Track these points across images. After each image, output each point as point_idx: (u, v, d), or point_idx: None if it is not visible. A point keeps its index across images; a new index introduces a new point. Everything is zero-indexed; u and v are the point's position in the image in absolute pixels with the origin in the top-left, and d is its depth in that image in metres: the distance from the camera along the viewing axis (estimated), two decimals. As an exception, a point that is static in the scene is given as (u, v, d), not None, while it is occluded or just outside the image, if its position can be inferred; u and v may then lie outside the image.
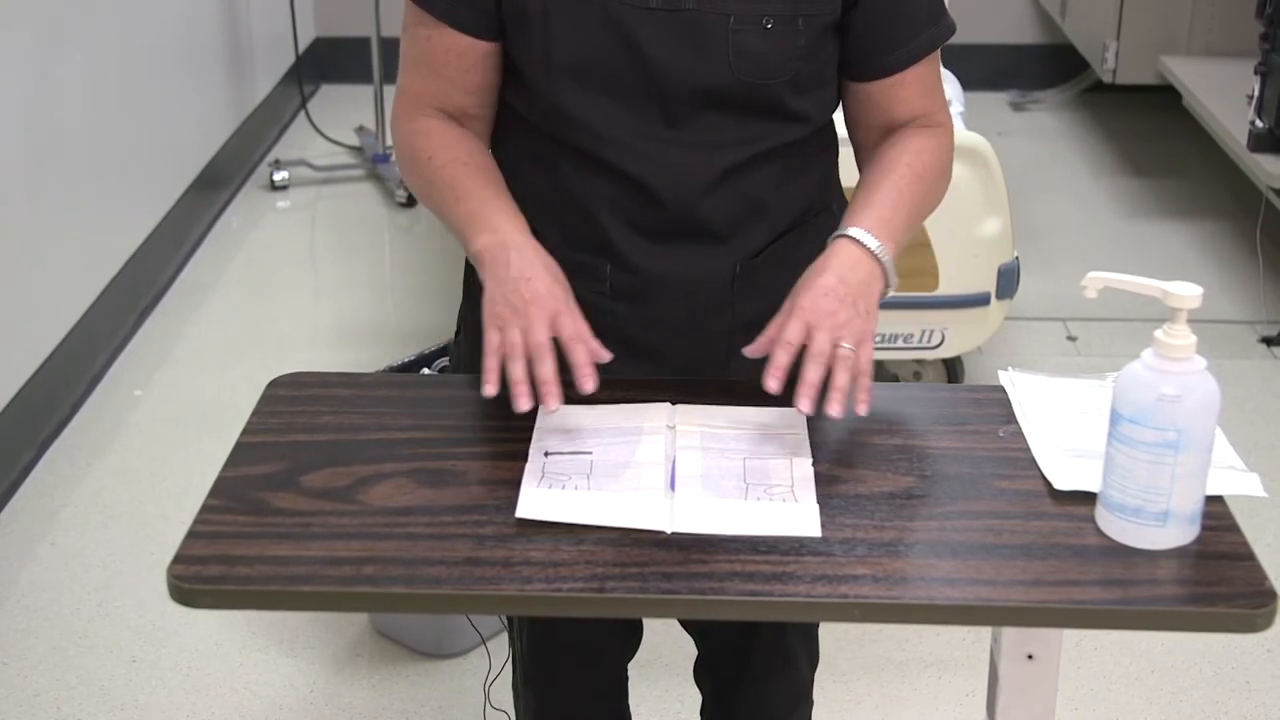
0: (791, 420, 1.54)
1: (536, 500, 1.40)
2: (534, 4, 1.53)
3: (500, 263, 1.52)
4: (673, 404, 1.56)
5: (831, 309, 1.49)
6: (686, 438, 1.51)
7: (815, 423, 1.53)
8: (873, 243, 1.53)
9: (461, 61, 1.59)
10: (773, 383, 1.48)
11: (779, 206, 1.64)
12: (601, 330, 1.63)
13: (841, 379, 1.47)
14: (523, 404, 1.47)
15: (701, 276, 1.63)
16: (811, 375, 1.47)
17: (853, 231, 1.54)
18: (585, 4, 1.52)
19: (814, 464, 1.48)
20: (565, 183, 1.61)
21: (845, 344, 1.48)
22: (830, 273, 1.51)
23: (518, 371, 1.47)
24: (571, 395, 1.57)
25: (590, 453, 1.48)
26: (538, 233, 1.63)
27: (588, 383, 1.49)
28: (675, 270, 1.62)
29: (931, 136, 1.64)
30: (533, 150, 1.63)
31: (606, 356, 1.52)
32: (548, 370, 1.48)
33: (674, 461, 1.47)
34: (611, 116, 1.56)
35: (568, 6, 1.52)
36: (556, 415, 1.55)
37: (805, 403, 1.46)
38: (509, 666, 2.00)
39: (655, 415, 1.54)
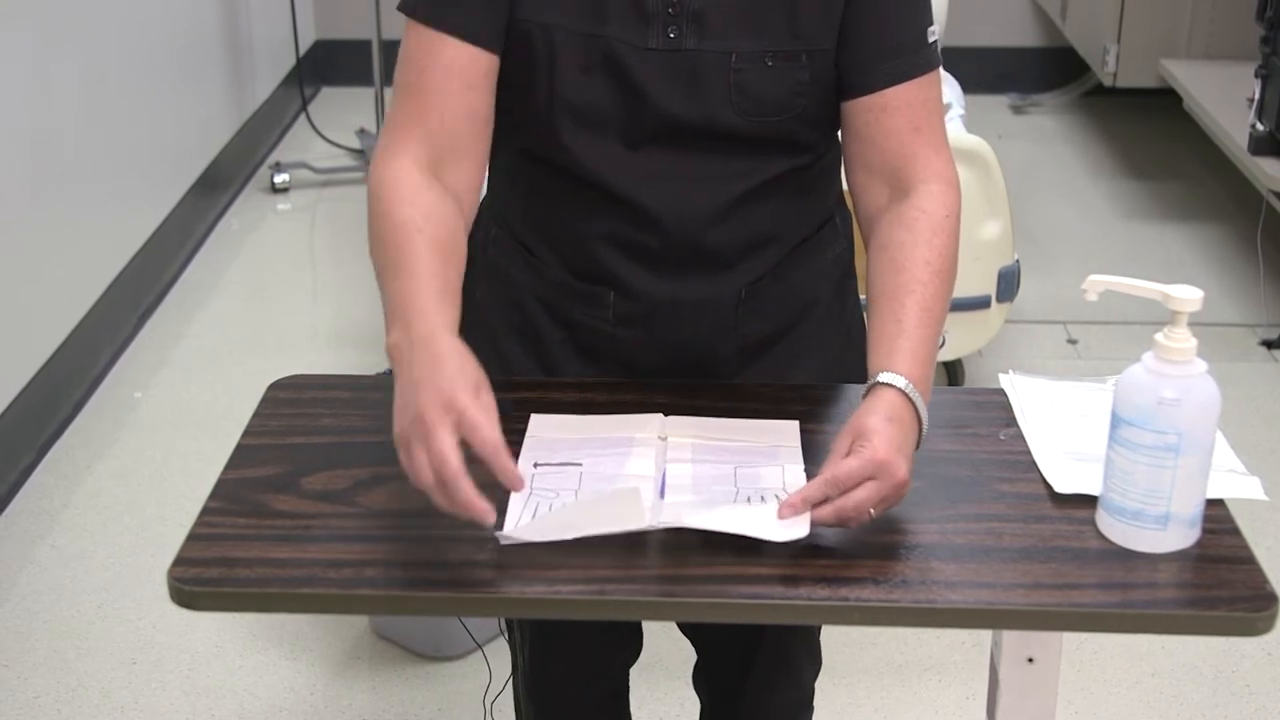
0: (786, 432, 1.53)
1: (520, 524, 1.37)
2: (539, 35, 1.51)
3: (403, 363, 1.35)
4: (665, 415, 1.54)
5: (901, 471, 1.35)
6: (678, 450, 1.49)
7: (810, 430, 1.53)
8: (917, 398, 1.42)
9: (463, 77, 1.52)
10: (787, 510, 1.35)
11: (786, 231, 1.61)
12: (604, 354, 1.63)
13: (826, 513, 1.35)
14: (487, 517, 1.30)
15: (706, 301, 1.60)
16: (812, 499, 1.35)
17: (896, 382, 1.42)
18: (588, 40, 1.50)
19: (810, 469, 1.45)
20: (565, 214, 1.58)
21: (875, 511, 1.36)
22: (896, 426, 1.38)
23: (442, 501, 1.31)
24: (563, 399, 1.56)
25: (580, 464, 1.47)
26: (538, 259, 1.62)
27: (517, 485, 1.33)
28: (679, 296, 1.59)
29: (938, 202, 1.53)
30: (532, 180, 1.60)
31: (520, 487, 1.34)
32: (461, 496, 1.29)
33: (664, 473, 1.45)
34: (612, 152, 1.53)
35: (571, 42, 1.51)
36: (547, 425, 1.53)
37: (786, 510, 1.35)
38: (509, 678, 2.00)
39: (647, 426, 1.52)
